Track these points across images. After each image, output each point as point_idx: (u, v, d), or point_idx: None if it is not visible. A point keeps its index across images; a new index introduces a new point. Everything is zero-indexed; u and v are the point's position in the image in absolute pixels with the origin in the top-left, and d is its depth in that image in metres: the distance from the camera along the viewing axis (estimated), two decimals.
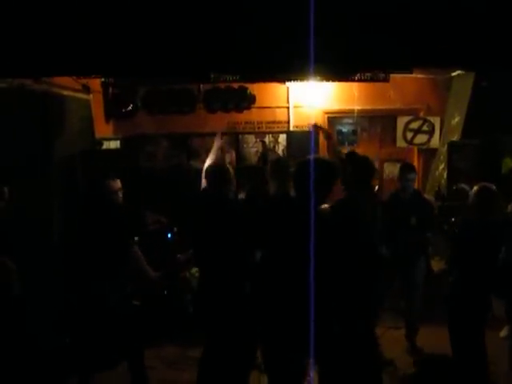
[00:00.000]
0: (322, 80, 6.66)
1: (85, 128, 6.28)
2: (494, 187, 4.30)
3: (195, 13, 4.00)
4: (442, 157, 7.32)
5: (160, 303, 5.73)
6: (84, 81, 6.20)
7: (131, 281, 4.38)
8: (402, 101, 7.74)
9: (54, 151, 5.35)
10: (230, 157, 7.68)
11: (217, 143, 4.91)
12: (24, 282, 3.58)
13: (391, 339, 5.43)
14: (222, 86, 7.27)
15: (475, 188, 4.35)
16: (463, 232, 4.45)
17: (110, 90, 7.19)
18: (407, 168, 5.56)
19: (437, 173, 7.39)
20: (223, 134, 5.27)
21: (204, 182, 4.40)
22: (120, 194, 4.41)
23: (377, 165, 8.06)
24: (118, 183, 4.42)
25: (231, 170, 4.32)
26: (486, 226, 4.25)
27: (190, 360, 5.23)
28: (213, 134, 7.59)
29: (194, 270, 6.21)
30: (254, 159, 7.76)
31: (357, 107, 7.58)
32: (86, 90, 6.35)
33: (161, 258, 5.51)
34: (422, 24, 4.04)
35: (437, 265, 5.87)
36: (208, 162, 4.61)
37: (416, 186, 7.74)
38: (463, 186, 5.73)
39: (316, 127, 5.31)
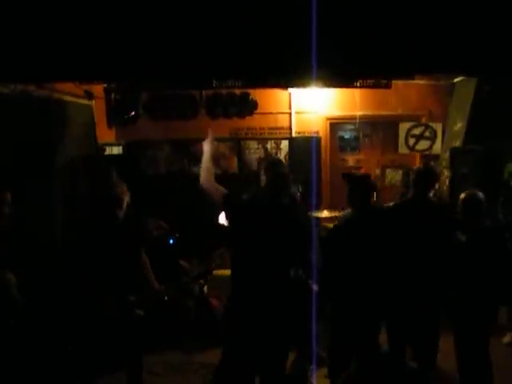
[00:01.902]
0: (323, 86, 6.67)
1: (87, 134, 6.28)
2: (481, 194, 4.25)
3: (197, 19, 4.01)
4: (444, 163, 7.31)
5: (163, 309, 5.72)
6: (86, 86, 6.21)
7: (136, 290, 4.36)
8: (403, 107, 7.76)
9: (56, 157, 5.35)
10: (232, 163, 7.72)
11: (207, 148, 4.17)
12: (27, 287, 3.58)
13: None
14: (224, 91, 7.29)
15: (461, 196, 4.31)
16: (454, 245, 4.40)
17: (113, 95, 7.19)
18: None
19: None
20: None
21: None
22: (127, 199, 4.31)
23: (379, 171, 8.10)
24: (124, 187, 4.33)
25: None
26: (478, 235, 4.21)
27: (194, 366, 5.24)
28: (215, 140, 7.75)
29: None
30: (255, 165, 7.77)
31: (359, 113, 7.59)
32: (89, 95, 6.35)
33: (163, 263, 5.51)
34: (423, 30, 4.04)
35: None
36: (202, 171, 3.99)
37: None
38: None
39: None
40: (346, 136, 8.16)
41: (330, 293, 4.32)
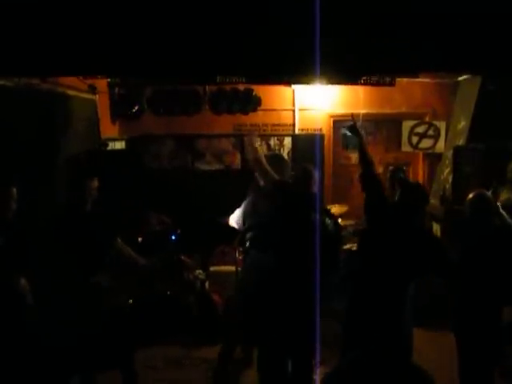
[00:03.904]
0: (327, 83, 6.66)
1: (90, 128, 6.29)
2: (489, 194, 4.23)
3: (202, 14, 4.00)
4: (447, 161, 7.29)
5: (164, 304, 5.73)
6: (90, 81, 6.21)
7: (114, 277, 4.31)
8: (407, 105, 7.76)
9: (60, 151, 5.36)
10: (235, 159, 7.74)
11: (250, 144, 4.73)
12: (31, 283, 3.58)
13: None
14: (228, 87, 7.28)
15: (469, 196, 4.25)
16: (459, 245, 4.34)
17: (116, 90, 7.20)
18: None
19: (442, 177, 7.36)
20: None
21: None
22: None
23: (382, 169, 8.08)
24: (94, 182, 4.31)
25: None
26: (485, 236, 4.13)
27: (195, 361, 5.25)
28: (218, 136, 7.79)
29: (198, 271, 6.23)
30: None
31: (362, 111, 7.56)
32: (92, 90, 6.35)
33: (165, 258, 5.53)
34: (427, 28, 4.03)
35: None
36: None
37: None
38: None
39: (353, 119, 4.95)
40: (349, 133, 8.12)
41: None
